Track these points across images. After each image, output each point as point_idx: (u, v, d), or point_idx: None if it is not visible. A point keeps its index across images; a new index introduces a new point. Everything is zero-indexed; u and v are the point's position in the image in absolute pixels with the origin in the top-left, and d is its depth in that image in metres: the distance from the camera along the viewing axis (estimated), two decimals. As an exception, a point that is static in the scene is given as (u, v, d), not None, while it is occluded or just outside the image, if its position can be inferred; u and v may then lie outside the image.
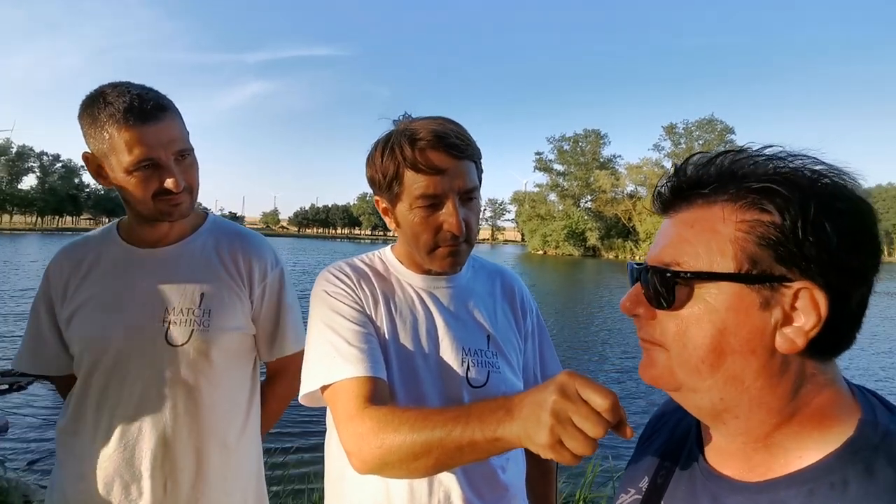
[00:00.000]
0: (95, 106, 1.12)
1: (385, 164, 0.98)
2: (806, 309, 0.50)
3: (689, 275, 0.54)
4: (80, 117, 1.15)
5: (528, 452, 1.14)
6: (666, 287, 0.55)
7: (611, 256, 65.49)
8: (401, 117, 1.04)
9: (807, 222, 0.49)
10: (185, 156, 1.20)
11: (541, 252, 70.01)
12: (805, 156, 0.53)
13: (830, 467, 0.50)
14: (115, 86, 1.14)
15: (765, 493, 0.53)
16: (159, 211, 1.18)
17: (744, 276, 0.51)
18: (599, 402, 0.62)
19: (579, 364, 10.19)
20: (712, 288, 0.53)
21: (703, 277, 0.53)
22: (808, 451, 0.52)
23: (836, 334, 0.51)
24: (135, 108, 1.10)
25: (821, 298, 0.49)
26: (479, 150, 1.03)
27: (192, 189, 1.22)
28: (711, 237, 0.53)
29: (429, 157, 0.95)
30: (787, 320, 0.51)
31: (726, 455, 0.59)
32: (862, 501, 0.47)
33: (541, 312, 1.23)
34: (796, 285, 0.50)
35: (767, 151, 0.55)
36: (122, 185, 1.17)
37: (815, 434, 0.52)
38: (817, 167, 0.52)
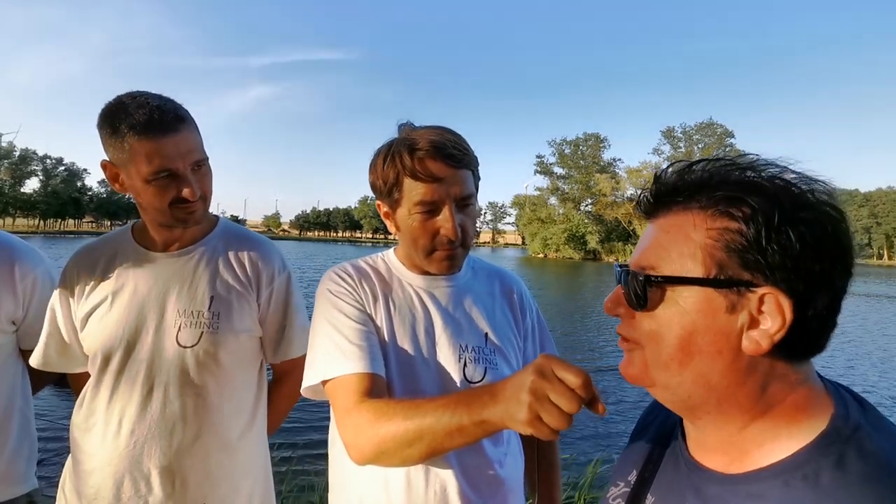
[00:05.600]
0: (115, 117, 1.15)
1: (386, 172, 1.04)
2: (771, 313, 0.52)
3: (660, 279, 0.57)
4: (100, 127, 1.19)
5: (527, 449, 1.18)
6: (642, 289, 0.58)
7: (611, 259, 65.28)
8: (404, 123, 1.09)
9: (770, 230, 0.51)
10: (201, 165, 1.24)
11: (541, 255, 69.90)
12: (778, 165, 0.55)
13: (804, 460, 0.52)
14: (134, 96, 1.17)
15: (742, 484, 0.55)
16: (175, 218, 1.23)
17: (711, 280, 0.54)
18: (573, 379, 0.68)
19: (579, 362, 10.16)
20: (684, 291, 0.56)
21: (673, 281, 0.56)
22: (783, 444, 0.54)
23: (806, 337, 0.53)
24: (154, 120, 1.13)
25: (785, 303, 0.51)
26: (476, 158, 1.08)
27: (206, 197, 1.26)
28: (684, 243, 0.56)
29: (427, 166, 1.00)
30: (753, 323, 0.53)
31: (708, 449, 0.62)
32: (833, 492, 0.48)
33: (543, 312, 1.28)
34: (761, 290, 0.52)
35: (745, 160, 0.57)
36: (139, 193, 1.21)
37: (791, 429, 0.54)
38: (788, 176, 0.54)
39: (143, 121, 1.12)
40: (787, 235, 0.51)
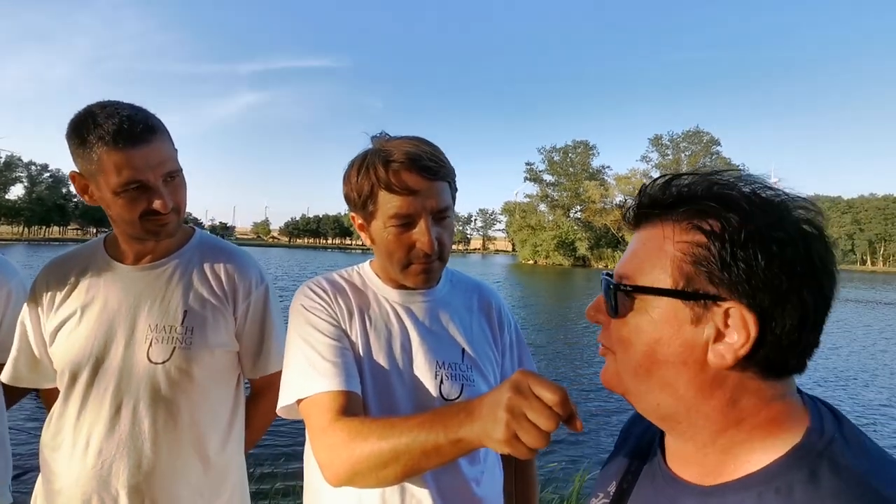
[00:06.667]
0: (84, 127, 1.12)
1: (360, 183, 1.01)
2: (737, 327, 0.52)
3: (630, 288, 0.59)
4: (69, 137, 1.15)
5: (505, 467, 1.16)
6: (615, 298, 0.60)
7: (600, 266, 65.64)
8: (378, 135, 1.06)
9: (735, 247, 0.52)
10: (174, 177, 1.21)
11: (531, 262, 70.16)
12: (757, 180, 0.56)
13: (776, 472, 0.52)
14: (104, 106, 1.14)
15: (716, 496, 0.56)
16: (146, 231, 1.20)
17: (677, 292, 0.55)
18: (550, 396, 0.67)
19: (566, 371, 10.21)
20: (654, 302, 0.57)
21: (642, 291, 0.58)
22: (758, 457, 0.54)
23: (778, 354, 0.53)
24: (124, 130, 1.10)
25: (749, 318, 0.52)
26: (453, 170, 1.05)
27: (179, 209, 1.23)
28: (657, 255, 0.58)
29: (402, 178, 0.97)
30: (719, 337, 0.54)
31: (684, 461, 0.62)
32: None
33: (531, 320, 1.26)
34: (726, 304, 0.53)
35: (728, 175, 0.57)
36: (108, 206, 1.18)
37: (766, 442, 0.55)
38: (765, 193, 0.55)
39: (112, 131, 1.10)
40: (753, 253, 0.51)
